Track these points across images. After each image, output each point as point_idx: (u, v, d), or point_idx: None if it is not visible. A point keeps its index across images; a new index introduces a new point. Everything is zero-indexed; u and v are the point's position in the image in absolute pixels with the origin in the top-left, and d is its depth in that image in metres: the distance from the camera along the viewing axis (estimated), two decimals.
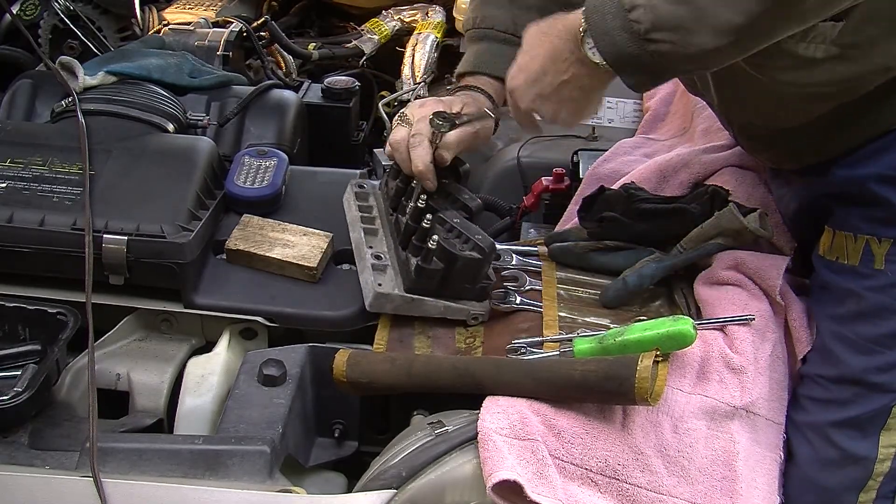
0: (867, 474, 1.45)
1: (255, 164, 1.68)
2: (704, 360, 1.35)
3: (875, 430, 1.44)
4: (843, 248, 1.43)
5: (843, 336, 1.43)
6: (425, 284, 1.44)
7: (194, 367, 1.46)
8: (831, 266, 1.45)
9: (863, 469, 1.44)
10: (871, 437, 1.44)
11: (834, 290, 1.45)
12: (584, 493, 1.20)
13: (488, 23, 1.62)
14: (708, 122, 1.79)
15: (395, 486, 1.19)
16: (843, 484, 1.46)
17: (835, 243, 1.44)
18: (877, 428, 1.44)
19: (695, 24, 1.21)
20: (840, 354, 1.43)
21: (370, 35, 2.37)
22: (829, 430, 1.44)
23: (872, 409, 1.43)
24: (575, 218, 1.62)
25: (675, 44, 1.23)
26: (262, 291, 1.52)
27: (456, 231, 1.44)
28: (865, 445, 1.44)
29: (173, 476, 1.22)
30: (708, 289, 1.45)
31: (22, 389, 1.30)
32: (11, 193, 1.51)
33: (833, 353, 1.44)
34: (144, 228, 1.48)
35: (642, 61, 1.26)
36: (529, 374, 1.26)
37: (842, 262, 1.43)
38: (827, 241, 1.45)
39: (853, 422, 1.44)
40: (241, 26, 2.16)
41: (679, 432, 1.28)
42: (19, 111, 1.80)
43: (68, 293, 1.48)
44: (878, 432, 1.44)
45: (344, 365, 1.34)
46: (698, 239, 1.48)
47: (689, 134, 1.87)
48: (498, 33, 1.61)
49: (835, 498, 1.46)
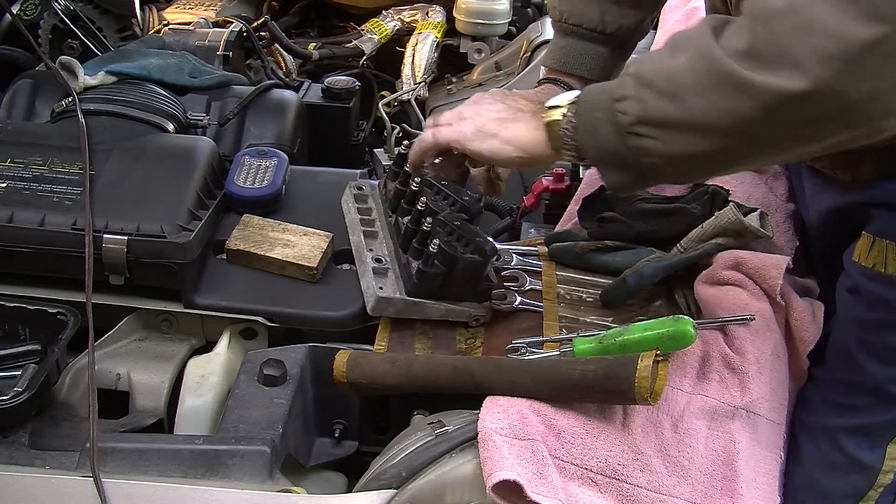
0: (869, 484, 1.45)
1: (255, 164, 1.68)
2: (705, 359, 1.35)
3: (884, 440, 1.43)
4: (882, 256, 1.40)
5: (868, 343, 1.42)
6: (427, 287, 1.44)
7: (194, 367, 1.46)
8: (866, 272, 1.42)
9: (866, 478, 1.44)
10: (879, 448, 1.44)
11: (865, 296, 1.43)
12: (584, 493, 1.20)
13: (576, 20, 1.59)
14: None
15: (395, 486, 1.19)
16: (844, 490, 1.45)
17: (873, 250, 1.41)
18: (886, 439, 1.44)
19: (681, 123, 1.17)
20: (862, 361, 1.42)
21: (370, 35, 2.37)
22: (839, 434, 1.44)
23: (886, 419, 1.43)
24: (575, 218, 1.62)
25: (659, 140, 1.19)
26: (262, 291, 1.51)
27: (456, 234, 1.44)
28: (872, 455, 1.43)
29: (173, 476, 1.22)
30: (708, 289, 1.45)
31: (22, 389, 1.30)
32: (11, 193, 1.51)
33: (855, 358, 1.43)
34: (145, 228, 1.48)
35: (624, 157, 1.22)
36: (529, 374, 1.26)
37: (878, 269, 1.40)
38: (864, 247, 1.42)
39: (864, 429, 1.43)
40: (241, 26, 2.16)
41: (679, 432, 1.28)
42: (19, 111, 1.80)
43: (68, 293, 1.47)
44: (886, 443, 1.44)
45: (344, 365, 1.34)
46: (698, 239, 1.48)
47: None
48: (585, 31, 1.59)
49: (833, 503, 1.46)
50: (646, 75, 1.20)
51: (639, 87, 1.20)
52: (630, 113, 1.20)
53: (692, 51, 1.17)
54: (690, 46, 1.18)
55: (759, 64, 1.11)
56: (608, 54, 1.61)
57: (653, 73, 1.20)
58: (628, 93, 1.21)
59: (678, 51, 1.19)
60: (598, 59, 1.61)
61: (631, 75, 1.22)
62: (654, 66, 1.21)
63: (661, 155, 1.20)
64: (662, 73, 1.19)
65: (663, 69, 1.19)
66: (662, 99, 1.18)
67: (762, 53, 1.11)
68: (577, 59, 1.60)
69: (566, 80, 1.60)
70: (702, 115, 1.16)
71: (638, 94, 1.20)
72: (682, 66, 1.17)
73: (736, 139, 1.16)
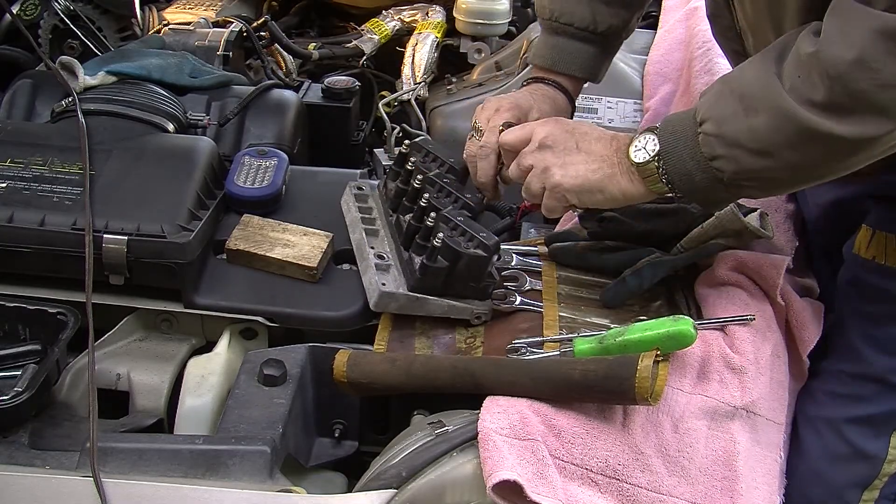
0: (874, 473, 1.45)
1: (255, 164, 1.68)
2: (705, 360, 1.35)
3: (888, 430, 1.44)
4: (882, 248, 1.43)
5: (870, 335, 1.44)
6: (430, 283, 1.43)
7: (194, 367, 1.46)
8: (866, 265, 1.45)
9: (871, 467, 1.45)
10: (884, 437, 1.44)
11: (866, 289, 1.45)
12: (585, 493, 1.20)
13: (567, 19, 1.60)
14: None
15: (395, 486, 1.19)
16: (850, 480, 1.46)
17: (873, 243, 1.44)
18: (890, 428, 1.44)
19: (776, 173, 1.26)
20: (865, 352, 1.44)
21: (370, 35, 2.37)
22: (843, 425, 1.45)
23: (889, 409, 1.44)
24: (575, 218, 1.62)
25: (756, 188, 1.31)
26: (262, 291, 1.51)
27: (460, 229, 1.44)
28: (877, 444, 1.44)
29: (173, 476, 1.22)
30: (708, 289, 1.45)
31: (22, 389, 1.30)
32: (11, 193, 1.51)
33: (858, 349, 1.44)
34: (145, 228, 1.48)
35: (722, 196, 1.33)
36: (529, 374, 1.26)
37: (879, 262, 1.43)
38: (864, 240, 1.45)
39: (868, 419, 1.44)
40: (241, 26, 2.16)
41: (679, 432, 1.28)
42: (19, 111, 1.80)
43: (68, 293, 1.47)
44: (890, 432, 1.44)
45: (344, 365, 1.35)
46: (698, 239, 1.48)
47: None
48: (576, 31, 1.60)
49: (839, 493, 1.47)
50: (729, 135, 1.25)
51: (727, 147, 1.25)
52: (727, 170, 1.27)
53: (770, 110, 1.22)
54: (765, 103, 1.23)
55: (844, 115, 1.17)
56: (597, 53, 1.63)
57: (737, 134, 1.25)
58: (718, 153, 1.26)
59: (752, 109, 1.23)
60: (588, 58, 1.63)
61: (713, 136, 1.26)
62: (735, 126, 1.25)
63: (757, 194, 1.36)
64: (748, 135, 1.24)
65: (747, 130, 1.24)
66: (755, 157, 1.24)
67: (845, 106, 1.17)
68: (567, 58, 1.62)
69: (555, 80, 1.62)
70: (795, 164, 1.24)
71: (729, 153, 1.25)
72: (765, 126, 1.22)
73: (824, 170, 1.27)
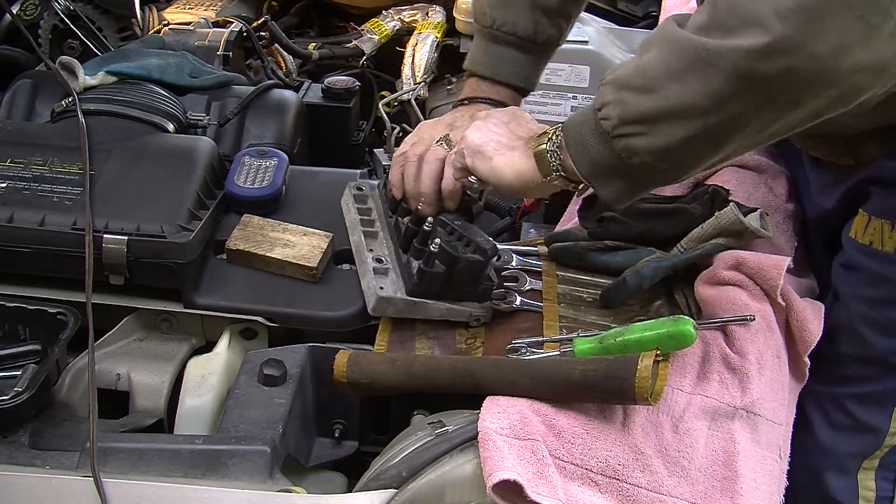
0: (876, 444, 1.48)
1: (255, 164, 1.68)
2: (705, 360, 1.35)
3: (891, 404, 1.48)
4: (878, 234, 1.44)
5: (870, 318, 1.47)
6: (427, 287, 1.44)
7: (194, 367, 1.46)
8: (863, 249, 1.47)
9: (873, 438, 1.48)
10: (886, 410, 1.48)
11: (864, 273, 1.47)
12: (585, 493, 1.20)
13: (510, 28, 1.58)
14: None
15: (395, 485, 1.19)
16: (852, 449, 1.50)
17: (869, 228, 1.45)
18: (892, 403, 1.46)
19: (662, 112, 1.18)
20: (867, 335, 1.47)
21: (370, 35, 2.37)
22: (846, 400, 1.49)
23: (892, 386, 1.46)
24: (575, 218, 1.62)
25: (644, 135, 1.19)
26: (262, 291, 1.51)
27: (457, 233, 1.44)
28: (879, 417, 1.48)
29: (173, 476, 1.22)
30: (708, 289, 1.45)
31: (22, 389, 1.30)
32: (11, 193, 1.51)
33: (860, 333, 1.47)
34: (145, 228, 1.48)
35: (614, 164, 1.23)
36: (529, 374, 1.26)
37: (875, 247, 1.45)
38: (861, 225, 1.47)
39: (871, 396, 1.48)
40: (241, 26, 2.16)
41: (679, 432, 1.28)
42: (19, 111, 1.80)
43: (68, 293, 1.47)
44: (893, 406, 1.46)
45: (344, 365, 1.34)
46: (698, 239, 1.48)
47: None
48: (517, 40, 1.59)
49: (840, 461, 1.50)
50: (621, 78, 1.22)
51: (616, 90, 1.21)
52: (612, 116, 1.21)
53: (659, 42, 1.19)
54: (657, 39, 1.20)
55: (723, 32, 1.12)
56: (534, 62, 1.63)
57: (627, 74, 1.21)
58: (608, 99, 1.22)
59: (647, 48, 1.21)
60: (527, 67, 1.62)
61: (608, 83, 1.24)
62: (627, 68, 1.23)
63: (650, 150, 1.20)
64: (635, 72, 1.20)
65: (635, 67, 1.21)
66: (640, 95, 1.19)
67: (724, 21, 1.12)
68: (509, 67, 1.60)
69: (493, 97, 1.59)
70: (680, 99, 1.16)
71: (617, 97, 1.21)
72: (652, 58, 1.19)
73: (717, 116, 1.15)
